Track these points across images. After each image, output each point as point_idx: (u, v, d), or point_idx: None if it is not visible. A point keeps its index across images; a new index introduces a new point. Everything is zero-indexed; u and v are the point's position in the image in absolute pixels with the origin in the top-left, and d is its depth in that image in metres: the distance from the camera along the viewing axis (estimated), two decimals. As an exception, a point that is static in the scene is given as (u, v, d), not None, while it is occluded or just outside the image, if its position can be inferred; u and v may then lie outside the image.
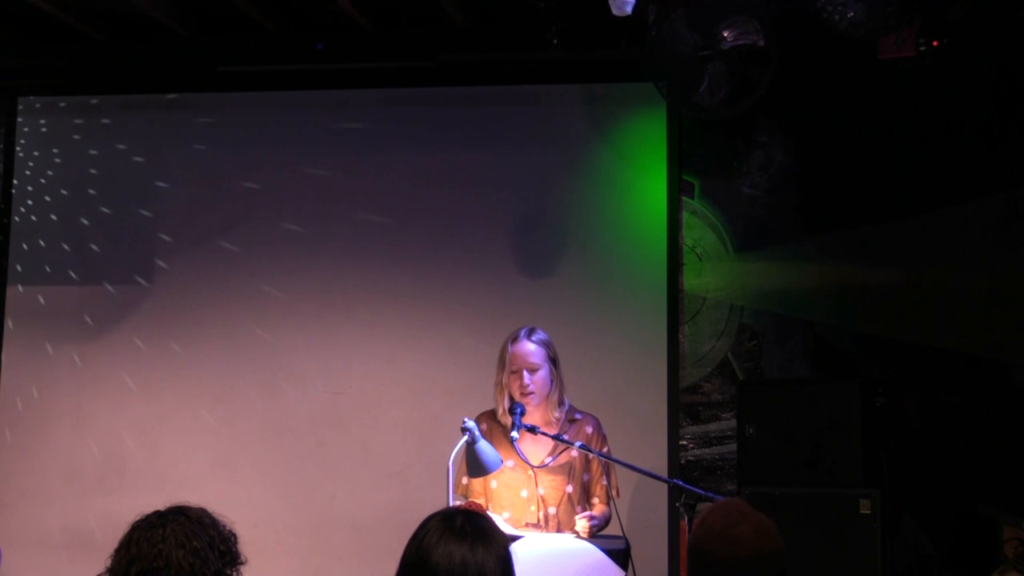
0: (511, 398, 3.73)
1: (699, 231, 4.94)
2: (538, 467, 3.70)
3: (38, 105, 5.41)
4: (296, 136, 5.19)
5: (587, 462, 3.78)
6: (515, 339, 3.77)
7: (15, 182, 5.37)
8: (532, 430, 3.63)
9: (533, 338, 3.77)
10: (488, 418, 3.81)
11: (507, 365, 3.75)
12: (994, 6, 4.35)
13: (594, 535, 3.61)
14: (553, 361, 3.78)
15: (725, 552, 2.31)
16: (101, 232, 5.29)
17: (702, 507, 3.13)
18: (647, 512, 4.67)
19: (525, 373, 3.71)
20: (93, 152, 5.33)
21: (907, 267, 4.72)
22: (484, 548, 2.03)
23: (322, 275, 5.10)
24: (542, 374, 3.74)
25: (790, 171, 4.88)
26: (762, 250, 4.88)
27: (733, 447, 4.68)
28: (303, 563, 4.95)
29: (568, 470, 3.75)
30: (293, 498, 5.02)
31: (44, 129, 5.39)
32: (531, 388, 3.71)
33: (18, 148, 5.39)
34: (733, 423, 4.72)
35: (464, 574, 2.00)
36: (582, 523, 3.59)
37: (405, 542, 2.10)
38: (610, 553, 3.40)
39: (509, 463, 3.68)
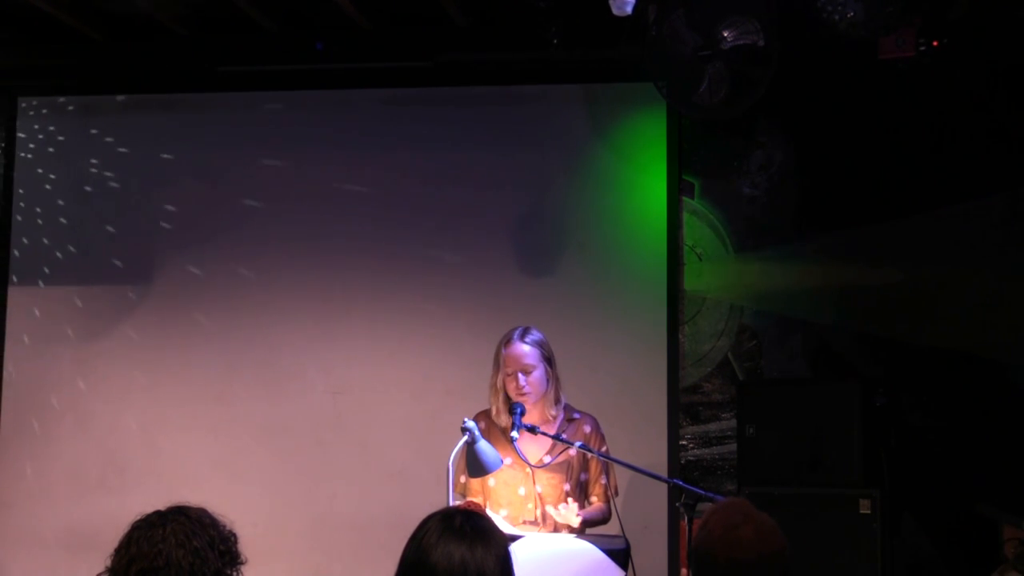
0: (507, 398, 3.73)
1: (699, 231, 4.94)
2: (536, 466, 3.70)
3: (38, 105, 5.41)
4: (296, 136, 5.19)
5: (585, 461, 3.78)
6: (508, 341, 3.75)
7: (15, 182, 5.37)
8: (532, 430, 3.63)
9: (527, 339, 3.75)
10: (486, 417, 3.81)
11: (501, 367, 3.75)
12: (994, 6, 4.35)
13: (588, 523, 3.62)
14: (548, 360, 3.78)
15: (726, 555, 2.30)
16: (101, 231, 5.28)
17: (702, 507, 3.13)
18: (647, 512, 4.67)
19: (520, 375, 3.71)
20: (93, 152, 5.33)
21: (907, 267, 4.72)
22: (483, 548, 2.03)
23: (322, 275, 5.10)
24: (537, 375, 3.74)
25: (790, 171, 4.88)
26: (762, 250, 4.88)
27: (733, 447, 4.68)
28: (303, 563, 4.95)
29: (566, 468, 3.76)
30: (293, 498, 5.02)
31: (44, 129, 5.39)
32: (526, 389, 3.71)
33: (18, 148, 5.39)
34: (733, 423, 4.72)
35: (464, 574, 2.00)
36: (572, 512, 3.58)
37: (404, 542, 2.10)
38: (610, 553, 3.40)
39: (507, 460, 3.68)
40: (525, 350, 3.73)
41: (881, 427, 4.20)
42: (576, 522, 3.60)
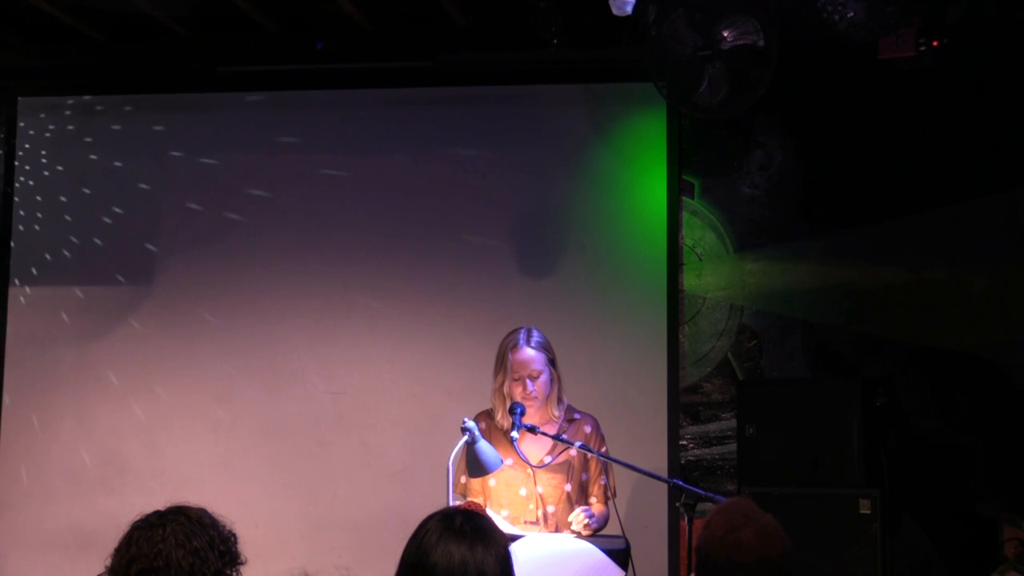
0: (511, 401, 3.72)
1: (699, 231, 4.94)
2: (537, 466, 3.70)
3: (38, 105, 5.41)
4: (296, 136, 5.19)
5: (586, 461, 3.78)
6: (515, 346, 3.73)
7: (16, 182, 5.37)
8: (532, 430, 3.63)
9: (532, 343, 3.74)
10: (487, 417, 3.81)
11: (508, 373, 3.73)
12: (994, 6, 4.35)
13: (593, 533, 3.61)
14: (552, 363, 3.77)
15: (727, 558, 2.29)
16: (101, 232, 5.28)
17: (703, 507, 3.13)
18: (647, 512, 4.67)
19: (528, 381, 3.70)
20: (93, 152, 5.33)
21: (907, 267, 4.72)
22: (483, 548, 2.03)
23: (322, 275, 5.10)
24: (543, 379, 3.73)
25: (790, 171, 4.88)
26: (762, 250, 4.88)
27: (733, 447, 4.68)
28: (303, 563, 4.94)
29: (567, 469, 3.75)
30: (293, 498, 5.02)
31: (44, 129, 5.39)
32: (534, 394, 3.70)
33: (18, 148, 5.39)
34: (733, 423, 4.72)
35: (464, 574, 2.00)
36: (579, 516, 3.58)
37: (405, 542, 2.10)
38: (610, 553, 3.40)
39: (508, 461, 3.68)
40: (532, 355, 3.72)
41: (881, 427, 4.20)
42: (587, 529, 3.59)
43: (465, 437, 3.52)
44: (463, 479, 3.74)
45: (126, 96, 5.34)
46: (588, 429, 3.82)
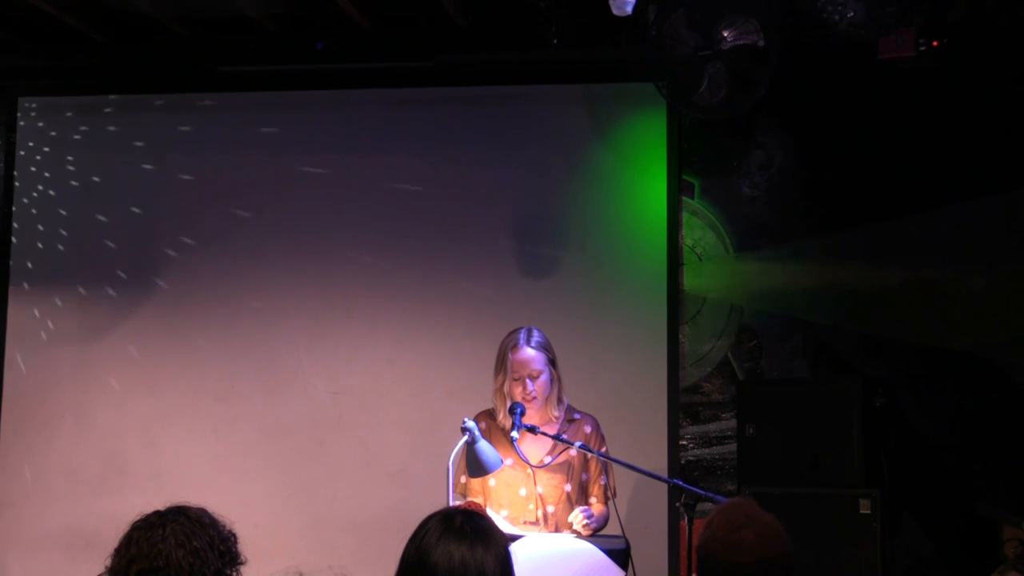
0: (511, 401, 3.72)
1: (699, 231, 4.94)
2: (537, 466, 3.70)
3: (38, 105, 5.41)
4: (296, 136, 5.19)
5: (586, 461, 3.78)
6: (515, 346, 3.73)
7: (16, 182, 5.37)
8: (532, 430, 3.63)
9: (532, 343, 3.73)
10: (487, 417, 3.81)
11: (508, 372, 3.73)
12: (994, 6, 4.35)
13: (593, 533, 3.61)
14: (552, 363, 3.77)
15: (727, 559, 2.29)
16: (102, 232, 5.28)
17: (703, 507, 3.13)
18: (647, 512, 4.67)
19: (528, 381, 3.70)
20: (93, 152, 5.33)
21: (907, 267, 4.72)
22: (484, 548, 2.03)
23: (322, 275, 5.10)
24: (543, 379, 3.73)
25: (790, 171, 4.88)
26: (762, 250, 4.88)
27: (733, 447, 4.68)
28: (303, 563, 4.94)
29: (567, 469, 3.75)
30: (293, 498, 5.02)
31: (44, 129, 5.39)
32: (534, 394, 3.70)
33: (19, 148, 5.39)
34: (733, 423, 4.72)
35: (464, 574, 2.00)
36: (578, 517, 3.57)
37: (405, 542, 2.10)
38: (610, 553, 3.40)
39: (508, 461, 3.68)
40: (532, 354, 3.72)
41: (881, 427, 4.20)
42: (586, 529, 3.59)
43: (465, 437, 3.52)
44: (463, 479, 3.74)
45: (126, 96, 5.34)
46: (588, 429, 3.82)
